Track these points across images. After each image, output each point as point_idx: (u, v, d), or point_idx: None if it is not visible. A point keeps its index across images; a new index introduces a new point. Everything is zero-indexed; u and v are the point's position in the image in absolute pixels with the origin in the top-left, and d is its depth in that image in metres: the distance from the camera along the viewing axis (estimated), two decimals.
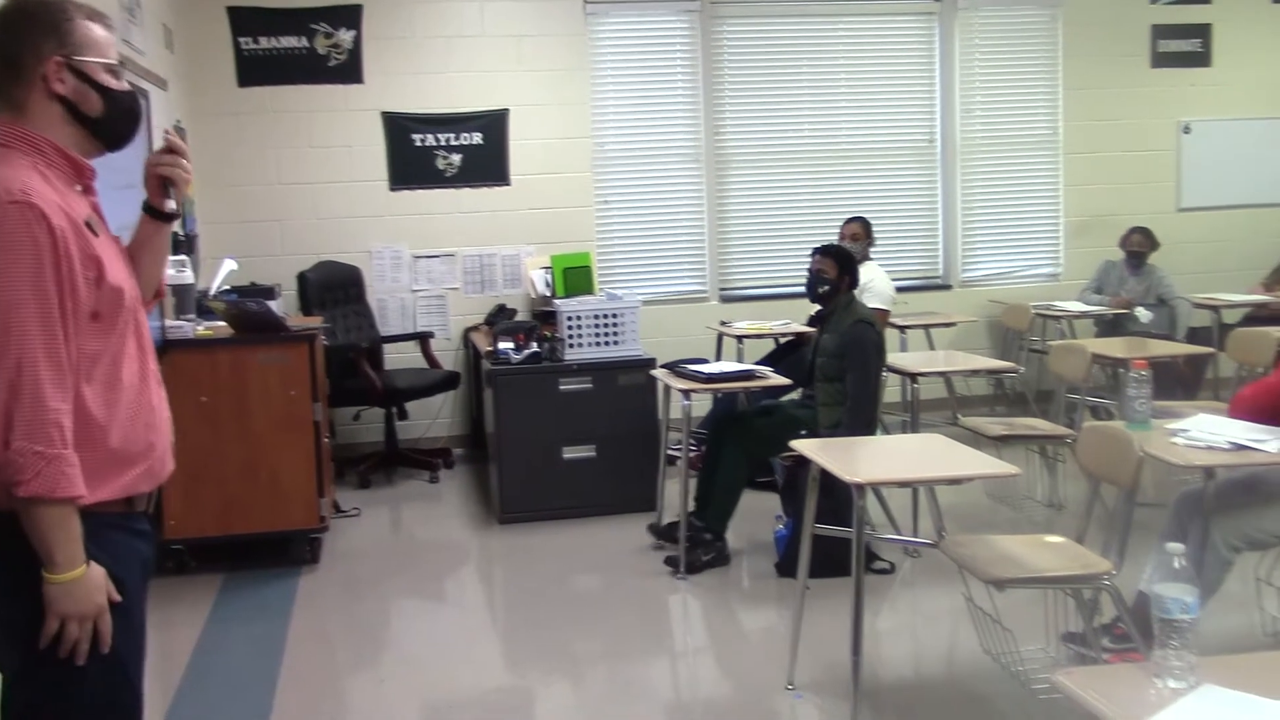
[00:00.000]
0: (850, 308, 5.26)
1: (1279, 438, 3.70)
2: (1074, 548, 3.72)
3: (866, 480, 3.60)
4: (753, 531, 5.54)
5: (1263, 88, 8.73)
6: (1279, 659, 2.22)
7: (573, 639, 4.57)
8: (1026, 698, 3.75)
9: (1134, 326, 7.39)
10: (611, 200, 7.89)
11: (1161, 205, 8.53)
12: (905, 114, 8.33)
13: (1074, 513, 5.29)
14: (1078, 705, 2.00)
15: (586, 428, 6.05)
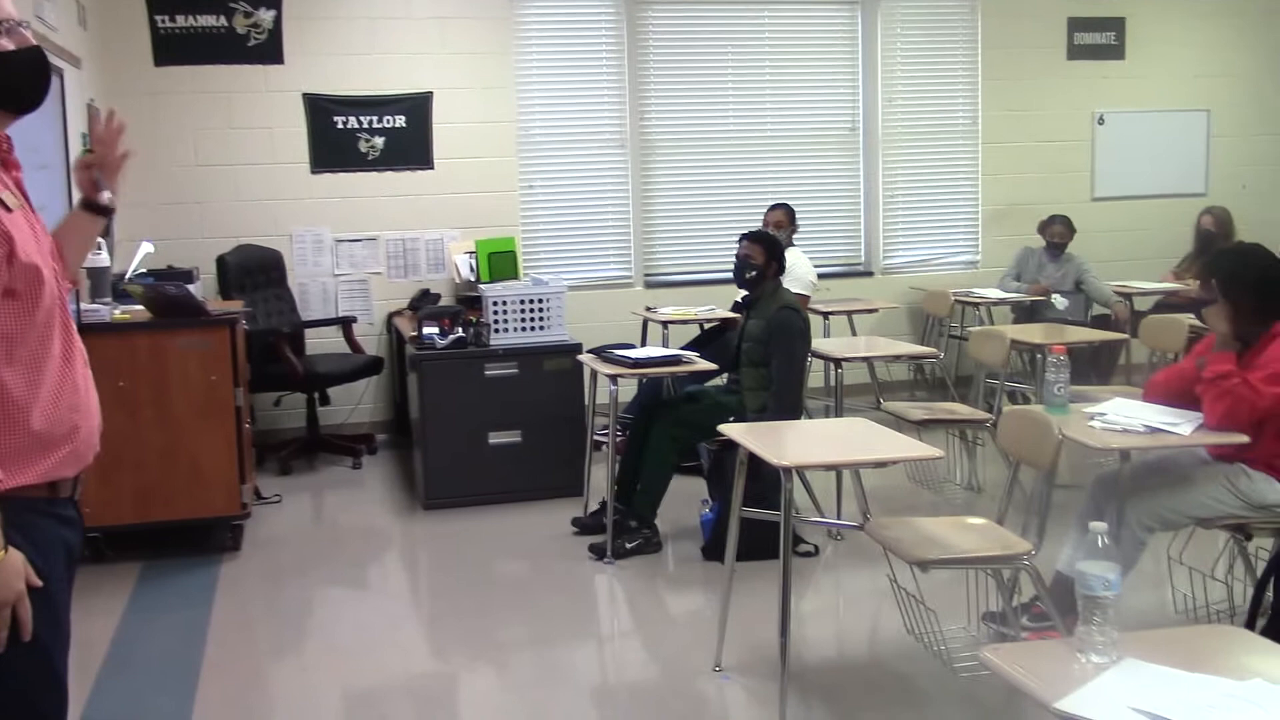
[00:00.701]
0: (776, 294, 5.30)
1: (1191, 421, 3.81)
2: (994, 529, 3.79)
3: (794, 463, 3.63)
4: (677, 516, 5.56)
5: (1174, 80, 8.94)
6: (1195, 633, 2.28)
7: (498, 625, 4.56)
8: (948, 676, 3.82)
9: (1051, 313, 7.53)
10: (536, 185, 7.86)
11: (1077, 195, 8.71)
12: (828, 102, 8.40)
13: (993, 495, 5.40)
14: (1004, 681, 2.04)
15: (512, 413, 6.03)
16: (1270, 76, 9.11)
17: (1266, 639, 2.21)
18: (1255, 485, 3.83)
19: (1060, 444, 3.63)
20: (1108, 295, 7.65)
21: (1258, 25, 9.03)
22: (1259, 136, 9.13)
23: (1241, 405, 3.72)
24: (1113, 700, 1.85)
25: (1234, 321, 3.86)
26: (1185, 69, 8.94)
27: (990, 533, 3.75)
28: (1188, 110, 9.00)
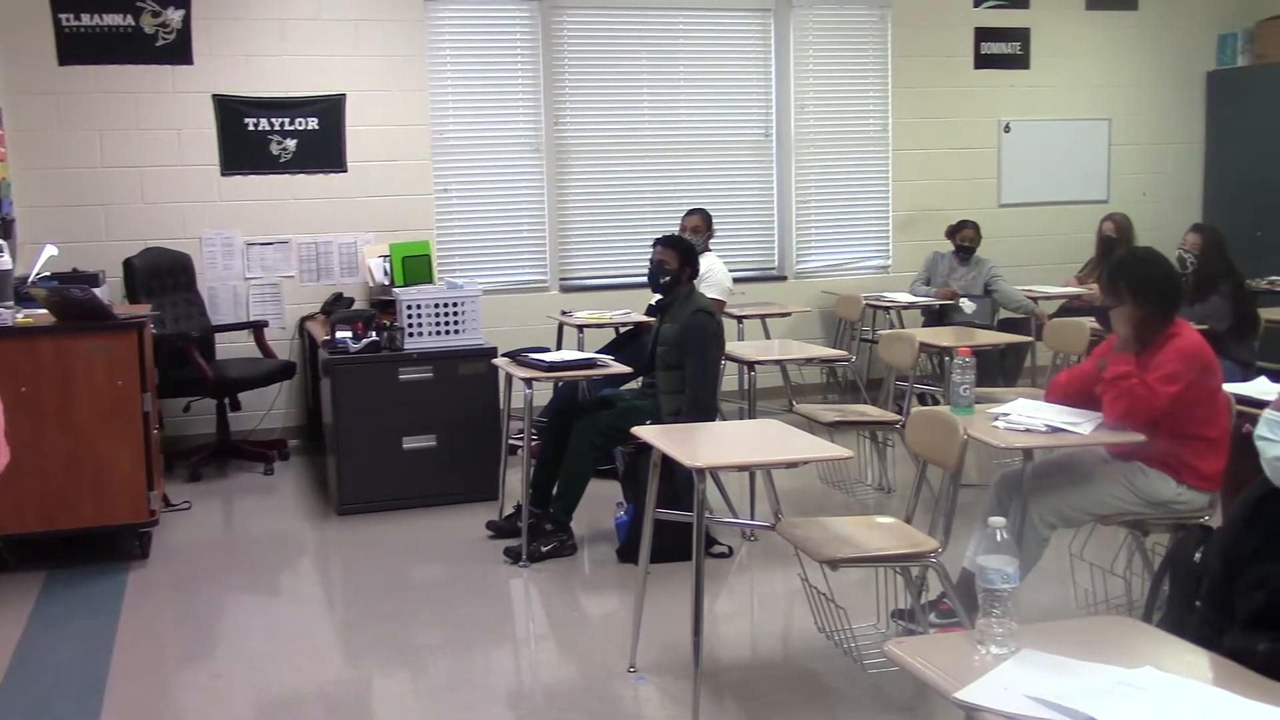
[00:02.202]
0: (690, 298, 5.35)
1: (1091, 420, 3.92)
2: (903, 527, 3.87)
3: (706, 465, 3.67)
4: (594, 519, 5.58)
5: (1076, 90, 9.17)
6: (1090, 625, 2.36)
7: (413, 630, 4.55)
8: (858, 673, 3.89)
9: (959, 317, 7.68)
10: (451, 189, 7.84)
11: (984, 201, 8.89)
12: (742, 108, 8.49)
13: (904, 495, 5.49)
14: (908, 674, 2.09)
15: (427, 417, 6.00)
16: (1168, 87, 9.39)
17: (1159, 629, 2.29)
18: (1152, 482, 3.95)
19: (965, 444, 3.72)
20: (1018, 299, 7.81)
21: (1156, 37, 9.30)
22: (1157, 145, 9.40)
23: (1139, 405, 3.84)
24: (1009, 689, 1.91)
25: (1136, 324, 3.98)
26: (1087, 79, 9.18)
27: (899, 531, 3.83)
28: (1090, 119, 9.24)
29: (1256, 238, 8.68)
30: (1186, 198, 9.45)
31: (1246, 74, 9.24)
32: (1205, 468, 3.94)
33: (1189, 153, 9.53)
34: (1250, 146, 9.14)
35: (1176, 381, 3.85)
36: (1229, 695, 1.87)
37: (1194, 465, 3.93)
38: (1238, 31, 9.34)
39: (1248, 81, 9.20)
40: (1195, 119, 9.52)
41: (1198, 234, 6.38)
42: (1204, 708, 1.81)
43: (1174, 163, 9.47)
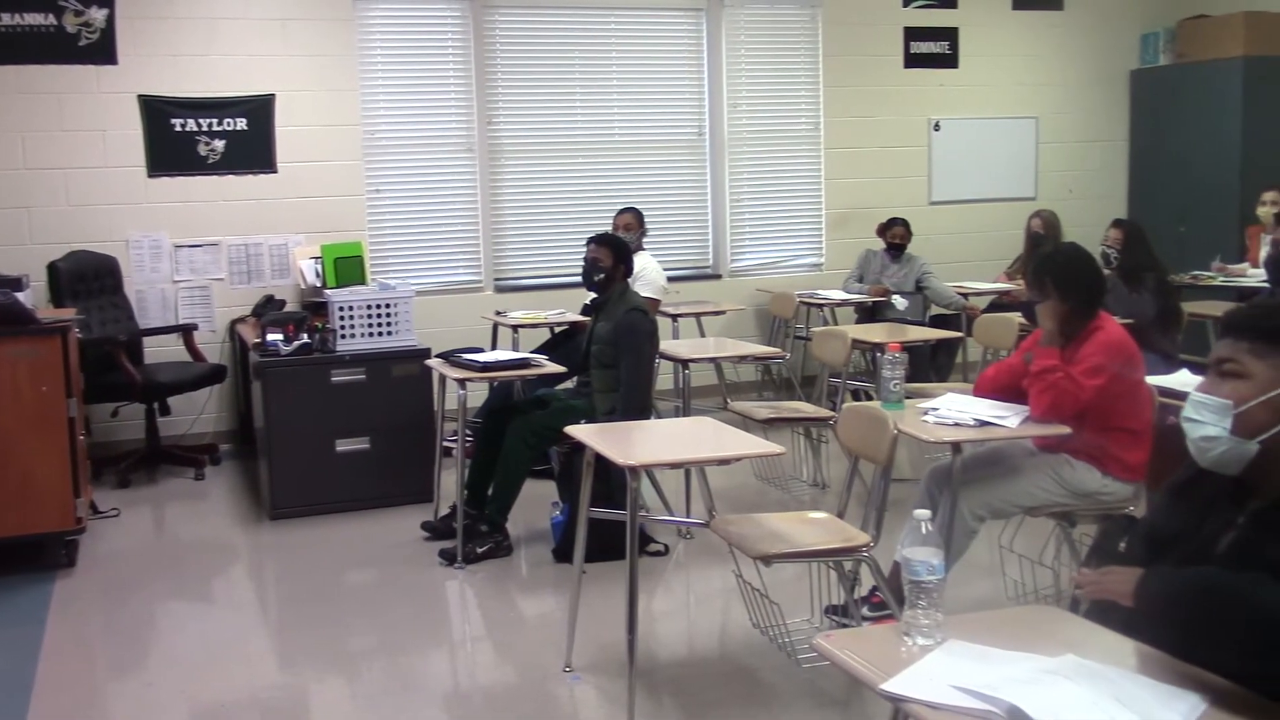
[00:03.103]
0: (624, 296, 5.35)
1: (1018, 414, 3.98)
2: (835, 523, 3.90)
3: (639, 463, 3.68)
4: (530, 519, 5.57)
5: (1004, 88, 9.30)
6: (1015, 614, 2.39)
7: (348, 634, 4.51)
8: (793, 668, 3.92)
9: (891, 313, 7.76)
10: (383, 189, 7.78)
11: (914, 199, 8.99)
12: (675, 107, 8.51)
13: (839, 491, 5.53)
14: (837, 667, 2.11)
15: (360, 420, 5.96)
16: (1093, 86, 9.55)
17: (1082, 618, 2.33)
18: (1078, 474, 4.02)
19: (896, 439, 3.76)
20: (950, 296, 7.90)
21: (1081, 36, 9.45)
22: (1083, 143, 9.56)
23: (1065, 398, 3.91)
24: (935, 679, 1.93)
25: (1061, 318, 4.05)
26: (1014, 78, 9.31)
27: (831, 527, 3.86)
28: (1017, 117, 9.37)
29: (1180, 233, 8.86)
30: (1112, 195, 9.61)
31: (1169, 73, 9.43)
32: (1130, 459, 4.01)
33: (1114, 150, 9.70)
34: (1173, 144, 9.33)
35: (1101, 374, 3.92)
36: (1145, 680, 1.91)
37: (1119, 456, 4.01)
38: (1160, 31, 9.52)
39: (1170, 80, 9.39)
40: (1120, 117, 9.69)
41: (1120, 229, 6.50)
42: (1122, 693, 1.85)
43: (1099, 160, 9.63)
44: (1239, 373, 2.12)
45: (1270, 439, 2.08)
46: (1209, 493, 2.21)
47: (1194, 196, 9.09)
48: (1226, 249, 8.13)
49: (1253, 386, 2.10)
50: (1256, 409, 2.09)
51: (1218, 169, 8.95)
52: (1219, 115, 8.96)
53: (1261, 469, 2.10)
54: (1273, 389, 2.07)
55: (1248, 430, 2.09)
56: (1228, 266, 7.75)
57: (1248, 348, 2.12)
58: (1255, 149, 8.79)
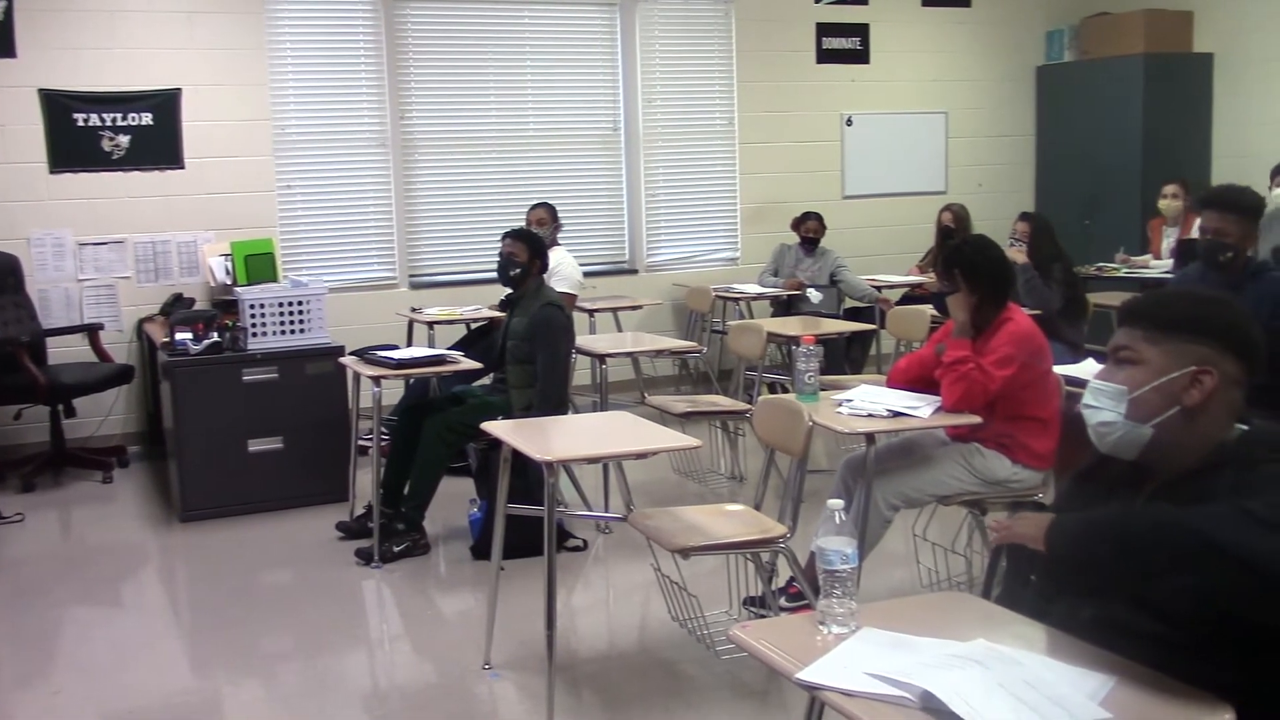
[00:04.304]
0: (540, 292, 5.33)
1: (930, 404, 4.04)
2: (752, 514, 3.93)
3: (555, 458, 3.67)
4: (447, 517, 5.53)
5: (915, 84, 9.42)
6: (928, 601, 2.43)
7: (263, 636, 4.45)
8: (711, 659, 3.94)
9: (806, 306, 7.83)
10: (295, 185, 7.67)
11: (828, 193, 9.07)
12: (590, 102, 8.50)
13: (755, 483, 5.57)
14: (754, 657, 2.12)
15: (273, 419, 5.87)
16: (1000, 81, 9.72)
17: (992, 603, 2.37)
18: (988, 462, 4.10)
19: (811, 430, 3.79)
20: (863, 289, 7.99)
21: (988, 33, 9.61)
22: (991, 138, 9.73)
23: (975, 388, 3.98)
24: (849, 667, 1.95)
25: (972, 309, 4.12)
26: (924, 73, 9.44)
27: (748, 519, 3.88)
28: (928, 112, 9.50)
29: (1085, 226, 9.05)
30: (1019, 188, 9.80)
31: (1073, 69, 9.63)
32: (1038, 447, 4.09)
33: (1021, 145, 9.88)
34: (1078, 138, 9.53)
35: (1010, 364, 4.00)
36: (1054, 663, 1.95)
37: (1028, 445, 4.09)
38: (1064, 28, 9.71)
39: (1075, 76, 9.59)
40: (1026, 112, 9.88)
41: (1027, 222, 6.62)
42: (1031, 675, 1.88)
43: (1007, 155, 9.81)
44: (1134, 359, 2.18)
45: (1163, 423, 2.14)
46: (1111, 477, 2.26)
47: (1098, 190, 9.30)
48: (1130, 241, 8.32)
49: (1146, 372, 2.15)
50: (1149, 394, 2.14)
51: (1120, 163, 9.16)
52: (1121, 110, 9.18)
53: (1157, 452, 2.16)
54: (1165, 374, 2.13)
55: (1142, 415, 2.15)
56: (1131, 258, 7.92)
57: (1142, 335, 2.18)
58: (1155, 143, 9.02)
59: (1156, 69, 9.05)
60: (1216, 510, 1.91)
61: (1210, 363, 2.10)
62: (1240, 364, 2.12)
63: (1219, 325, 2.13)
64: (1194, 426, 2.12)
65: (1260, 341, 2.15)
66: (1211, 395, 2.10)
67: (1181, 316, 2.16)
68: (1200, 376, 2.10)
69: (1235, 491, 1.94)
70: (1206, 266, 4.54)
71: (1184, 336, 2.13)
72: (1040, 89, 9.87)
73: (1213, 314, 2.16)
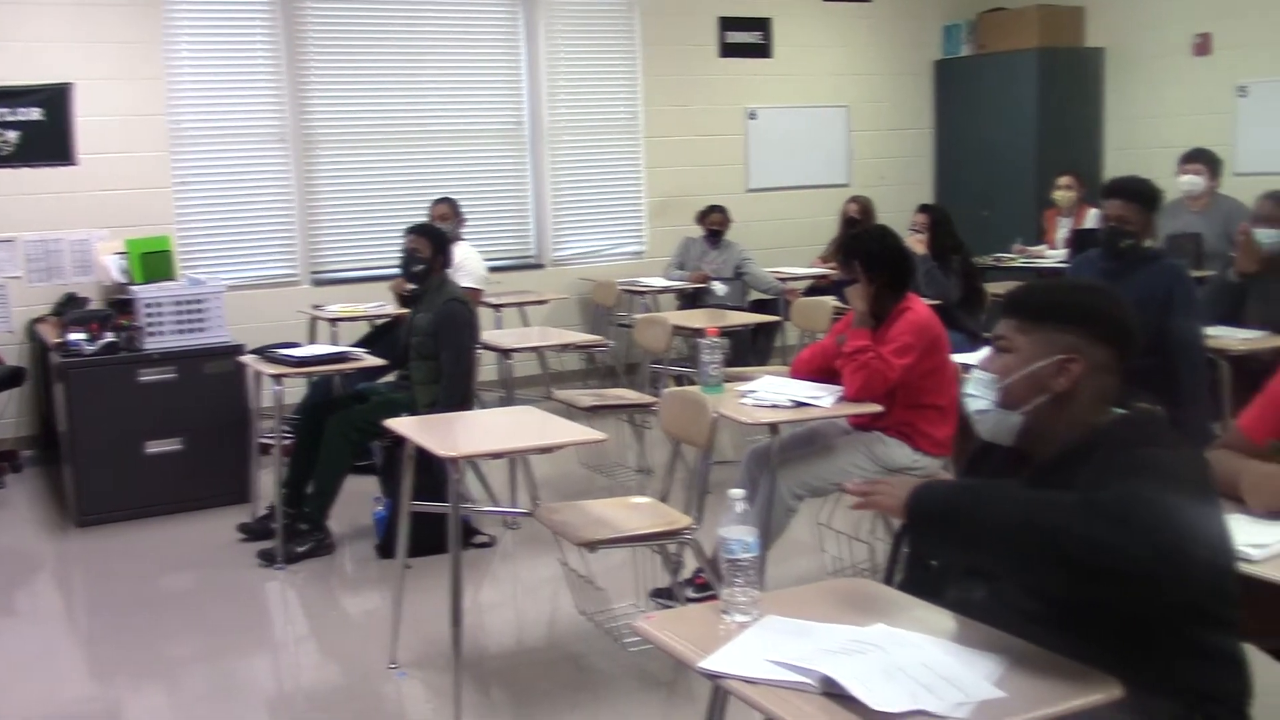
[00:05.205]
0: (443, 287, 5.29)
1: (833, 394, 4.09)
2: (658, 507, 3.94)
3: (459, 454, 3.65)
4: (353, 516, 5.47)
5: (817, 78, 9.52)
6: (830, 588, 2.46)
7: (165, 641, 4.36)
8: (619, 652, 3.96)
9: (711, 299, 7.87)
10: (192, 181, 7.51)
11: (732, 186, 9.13)
12: (494, 96, 8.45)
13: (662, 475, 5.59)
14: (659, 648, 2.13)
15: (171, 420, 5.76)
16: (900, 76, 9.87)
17: (893, 589, 2.41)
18: (890, 450, 4.16)
19: (715, 422, 3.82)
20: (768, 281, 8.06)
21: (887, 27, 9.75)
22: (892, 131, 9.87)
23: (875, 377, 4.03)
24: (751, 654, 1.97)
25: (871, 299, 4.18)
26: (826, 67, 9.54)
27: (654, 511, 3.90)
28: (830, 106, 9.61)
29: (984, 217, 9.21)
30: (920, 181, 9.96)
31: (970, 63, 9.81)
32: (937, 434, 4.17)
33: (920, 138, 10.05)
34: (975, 132, 9.71)
35: (909, 353, 4.07)
36: (951, 645, 1.99)
37: (927, 432, 4.16)
38: (962, 23, 9.89)
39: (971, 70, 9.77)
40: (925, 106, 10.04)
41: (926, 214, 6.73)
42: (929, 658, 1.92)
43: (907, 147, 9.96)
44: (1007, 348, 2.25)
45: (1033, 409, 2.20)
46: (996, 463, 2.32)
47: (995, 182, 9.49)
48: (1026, 231, 8.50)
49: (1017, 360, 2.22)
50: (1019, 382, 2.21)
51: (1016, 155, 9.36)
52: (1016, 104, 9.37)
53: (1031, 438, 2.23)
54: (1033, 362, 2.20)
55: (1013, 402, 2.22)
56: (1027, 248, 8.10)
57: (1015, 325, 2.25)
58: (1049, 136, 9.23)
59: (1050, 63, 9.27)
60: (1066, 497, 1.96)
61: (1077, 350, 2.17)
62: (1109, 350, 2.18)
63: (1087, 313, 2.20)
64: (1063, 412, 2.18)
65: (1133, 327, 2.22)
66: (1079, 382, 2.17)
67: (1051, 305, 2.24)
68: (1067, 364, 2.17)
69: (1102, 473, 2.00)
70: (1106, 253, 4.67)
71: (1053, 325, 2.20)
72: (938, 83, 10.04)
73: (1081, 302, 2.23)
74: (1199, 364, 4.53)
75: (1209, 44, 8.69)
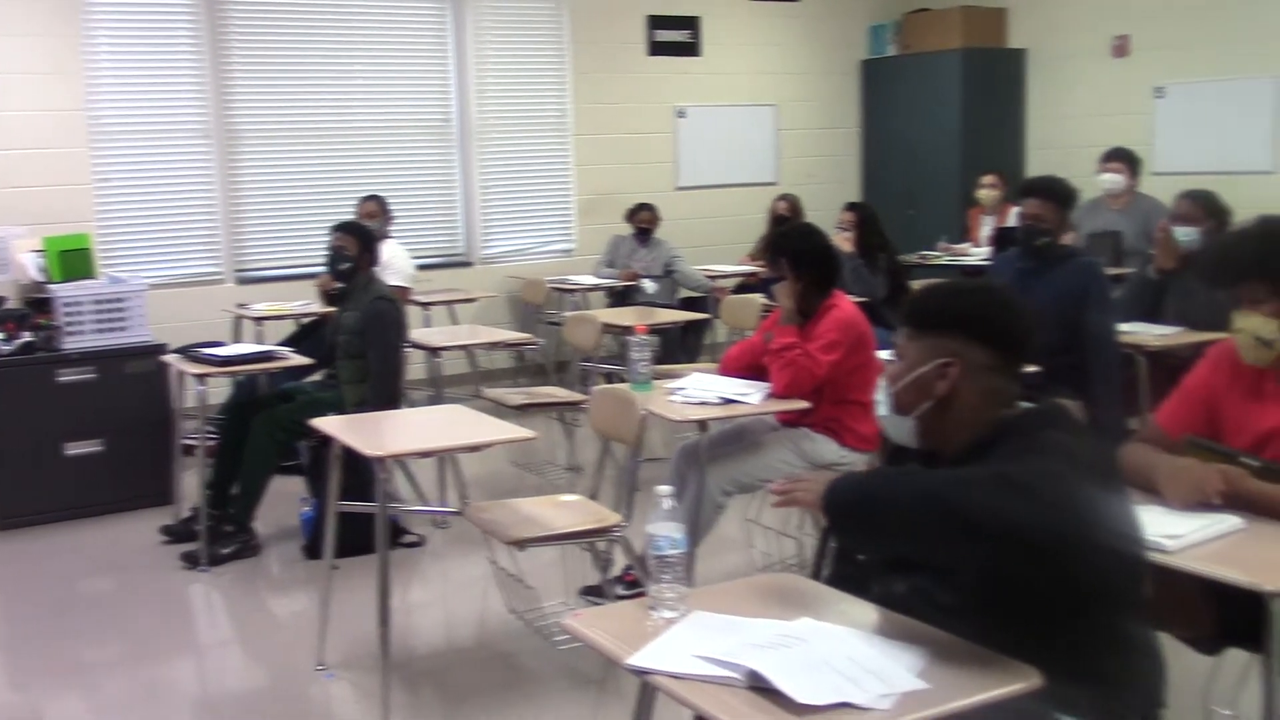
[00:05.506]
0: (370, 285, 5.25)
1: (761, 390, 4.12)
2: (588, 504, 3.95)
3: (387, 453, 3.62)
4: (280, 517, 5.41)
5: (745, 76, 9.58)
6: (757, 583, 2.47)
7: (86, 646, 4.28)
8: (549, 650, 3.95)
9: (641, 297, 7.89)
10: (113, 178, 7.37)
11: (661, 184, 9.15)
12: (422, 93, 8.39)
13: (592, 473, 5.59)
14: (587, 645, 2.13)
15: (91, 421, 5.65)
16: (827, 75, 9.96)
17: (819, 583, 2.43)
18: (817, 446, 4.20)
19: (644, 419, 3.83)
20: (697, 279, 8.09)
21: (815, 27, 9.83)
22: (819, 130, 9.96)
23: (803, 374, 4.07)
24: (679, 650, 1.98)
25: (798, 296, 4.21)
26: (754, 66, 9.60)
27: (584, 509, 3.90)
28: (758, 105, 9.67)
29: (909, 216, 9.33)
30: (847, 179, 10.06)
31: (895, 63, 9.92)
32: (863, 430, 4.21)
33: (847, 137, 10.15)
34: (901, 131, 9.83)
35: (835, 350, 4.11)
36: (875, 638, 2.01)
37: (853, 428, 4.21)
38: (887, 23, 10.00)
39: (897, 70, 9.88)
40: (852, 105, 10.14)
41: (852, 211, 6.80)
42: (854, 651, 1.94)
43: (835, 146, 10.06)
44: (900, 355, 2.29)
45: (922, 414, 2.25)
46: (912, 459, 2.36)
47: (921, 180, 9.61)
48: (951, 229, 8.62)
49: (903, 367, 2.28)
50: (906, 388, 2.26)
51: (941, 154, 9.49)
52: (941, 103, 9.50)
53: (929, 439, 2.27)
54: (916, 369, 2.24)
55: (904, 407, 2.27)
56: (952, 246, 8.21)
57: (907, 332, 2.30)
58: (973, 135, 9.37)
59: (974, 64, 9.41)
60: (971, 473, 2.02)
61: (956, 354, 2.20)
62: (991, 351, 2.21)
63: (965, 317, 2.24)
64: (951, 415, 2.22)
65: (1018, 327, 2.25)
66: (959, 385, 2.20)
67: (932, 312, 2.28)
68: (946, 369, 2.21)
69: (1007, 460, 2.04)
70: (1023, 251, 4.75)
71: (934, 331, 2.24)
72: (865, 82, 10.14)
73: (961, 306, 2.27)
74: (1112, 360, 4.63)
75: (1127, 46, 8.88)
